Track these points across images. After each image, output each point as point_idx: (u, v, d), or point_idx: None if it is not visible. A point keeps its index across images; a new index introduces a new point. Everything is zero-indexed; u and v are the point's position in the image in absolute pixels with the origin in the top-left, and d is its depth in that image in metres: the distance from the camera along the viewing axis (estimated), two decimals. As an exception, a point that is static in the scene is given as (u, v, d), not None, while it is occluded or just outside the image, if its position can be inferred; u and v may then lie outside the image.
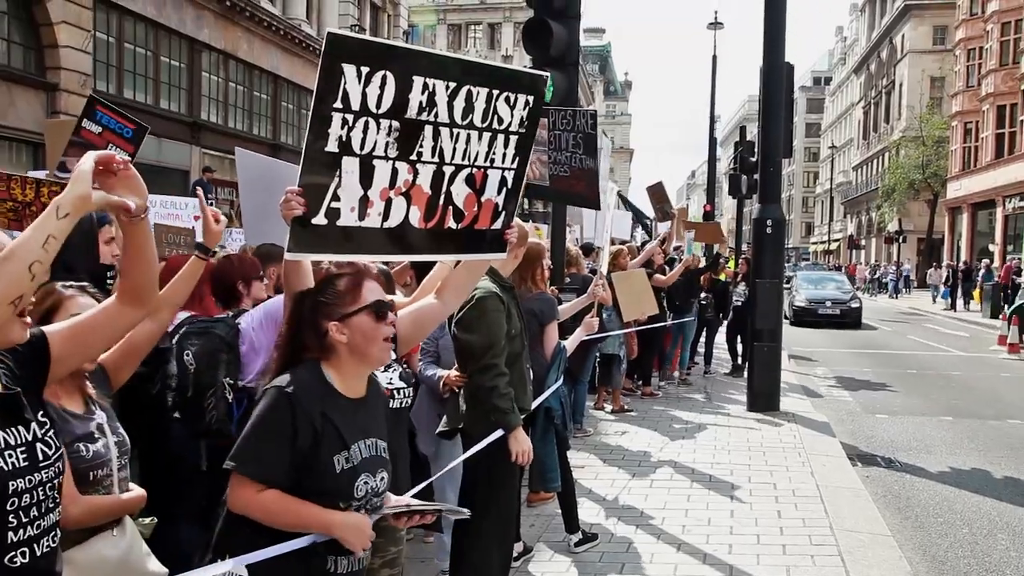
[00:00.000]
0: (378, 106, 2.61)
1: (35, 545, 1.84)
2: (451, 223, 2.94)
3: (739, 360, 13.09)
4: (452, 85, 2.77)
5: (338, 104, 2.54)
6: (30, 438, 1.85)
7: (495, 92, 2.91)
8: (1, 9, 16.11)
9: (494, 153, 2.99)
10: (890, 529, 6.17)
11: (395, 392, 3.32)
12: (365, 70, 2.55)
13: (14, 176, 5.16)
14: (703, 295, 12.89)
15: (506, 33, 55.58)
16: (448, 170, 2.87)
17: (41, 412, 1.93)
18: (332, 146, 2.58)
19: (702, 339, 13.72)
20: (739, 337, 13.20)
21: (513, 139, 3.04)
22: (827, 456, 8.17)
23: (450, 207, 2.92)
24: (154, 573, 2.68)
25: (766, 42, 10.47)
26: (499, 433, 4.06)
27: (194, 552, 3.93)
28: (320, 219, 2.62)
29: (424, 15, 53.31)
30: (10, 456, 1.79)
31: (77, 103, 14.42)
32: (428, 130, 2.76)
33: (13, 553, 1.80)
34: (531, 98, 3.03)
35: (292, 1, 26.02)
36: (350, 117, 2.57)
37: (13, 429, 1.82)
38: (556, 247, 8.47)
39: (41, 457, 1.86)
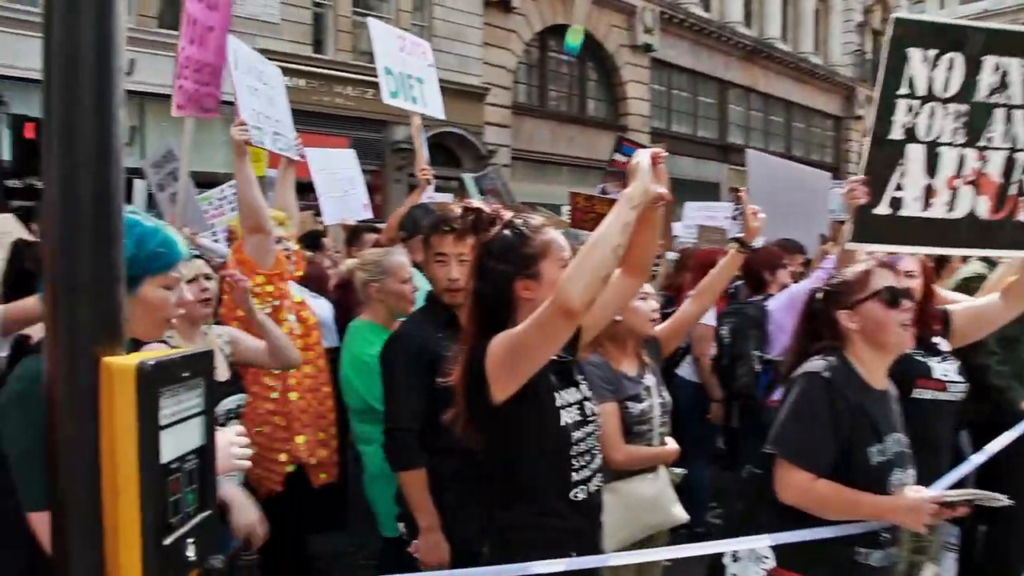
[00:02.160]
0: (945, 90, 2.06)
1: (588, 484, 1.79)
2: (1023, 215, 2.18)
3: None
4: None
5: (903, 90, 2.06)
6: (580, 398, 1.80)
7: None
8: (592, 79, 18.14)
9: None
10: None
11: (949, 385, 2.49)
12: (932, 53, 2.04)
13: (594, 196, 5.76)
14: None
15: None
16: (1021, 157, 2.15)
17: (583, 376, 1.87)
18: (896, 133, 2.09)
19: None
20: None
21: None
22: None
23: (1023, 197, 2.17)
24: (677, 517, 2.55)
25: None
26: None
27: (708, 491, 3.83)
28: (883, 208, 2.13)
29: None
30: (568, 412, 1.75)
31: (639, 137, 15.64)
32: (999, 113, 2.10)
33: (576, 490, 1.76)
34: None
35: (802, 38, 24.42)
36: (916, 103, 2.07)
37: (568, 390, 1.78)
38: None
39: (588, 413, 1.81)
